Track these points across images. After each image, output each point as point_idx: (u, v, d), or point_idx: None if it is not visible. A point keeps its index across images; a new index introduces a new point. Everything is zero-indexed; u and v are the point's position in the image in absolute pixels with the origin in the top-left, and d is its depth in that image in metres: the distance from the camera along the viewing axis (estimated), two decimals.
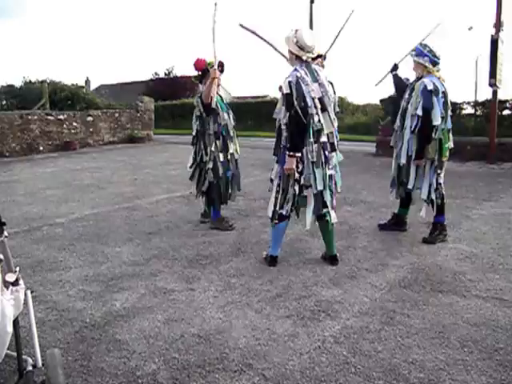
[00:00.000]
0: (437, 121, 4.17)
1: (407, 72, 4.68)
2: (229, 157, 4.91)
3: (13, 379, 2.21)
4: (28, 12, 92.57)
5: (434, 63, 4.28)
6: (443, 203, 4.46)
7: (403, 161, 4.41)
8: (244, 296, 3.28)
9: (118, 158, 11.63)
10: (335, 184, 3.80)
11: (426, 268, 3.80)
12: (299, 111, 3.51)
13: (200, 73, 4.87)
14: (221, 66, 4.85)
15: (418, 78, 4.38)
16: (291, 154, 3.57)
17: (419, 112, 4.20)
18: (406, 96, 4.50)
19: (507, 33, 9.91)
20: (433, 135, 4.22)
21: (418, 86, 4.29)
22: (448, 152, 4.40)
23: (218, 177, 4.83)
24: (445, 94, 4.28)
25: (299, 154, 3.58)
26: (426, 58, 4.26)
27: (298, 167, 3.62)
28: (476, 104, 13.09)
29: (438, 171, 4.37)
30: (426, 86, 4.17)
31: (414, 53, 4.36)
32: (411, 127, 4.29)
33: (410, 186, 4.43)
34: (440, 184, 4.40)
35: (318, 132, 3.60)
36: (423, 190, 4.35)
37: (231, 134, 4.94)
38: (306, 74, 3.59)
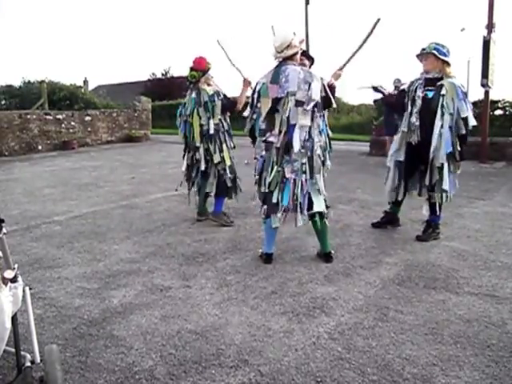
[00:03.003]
0: (473, 122, 4.17)
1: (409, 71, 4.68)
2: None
3: (11, 375, 2.23)
4: (25, 13, 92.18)
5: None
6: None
7: (441, 161, 4.19)
8: (240, 293, 3.31)
9: (115, 157, 11.64)
10: (294, 189, 3.63)
11: (419, 265, 3.84)
12: (250, 111, 3.91)
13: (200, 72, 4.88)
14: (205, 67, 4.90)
15: (438, 79, 4.22)
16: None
17: (464, 115, 4.13)
18: (422, 94, 4.27)
19: (499, 34, 9.99)
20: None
21: (449, 86, 4.15)
22: None
23: (235, 172, 5.08)
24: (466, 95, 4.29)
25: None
26: (448, 58, 4.19)
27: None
28: None
29: (457, 171, 4.43)
30: (462, 89, 4.15)
31: (435, 51, 4.16)
32: (450, 127, 4.17)
33: (445, 187, 4.25)
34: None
35: (264, 131, 3.75)
36: (451, 190, 4.34)
37: (230, 131, 5.13)
38: (269, 74, 3.66)
